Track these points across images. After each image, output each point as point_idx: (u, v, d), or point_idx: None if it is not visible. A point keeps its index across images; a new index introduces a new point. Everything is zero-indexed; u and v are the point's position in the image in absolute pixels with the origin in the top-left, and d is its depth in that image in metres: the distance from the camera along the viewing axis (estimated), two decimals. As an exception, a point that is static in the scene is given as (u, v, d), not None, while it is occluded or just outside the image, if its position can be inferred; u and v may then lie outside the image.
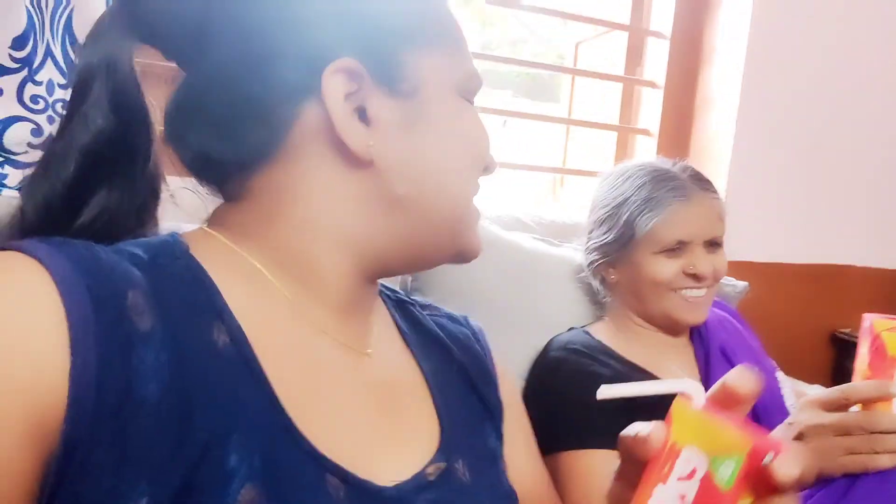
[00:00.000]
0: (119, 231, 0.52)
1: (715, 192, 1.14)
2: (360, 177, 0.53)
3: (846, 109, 1.93)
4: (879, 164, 2.01)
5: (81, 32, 1.14)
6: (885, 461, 0.75)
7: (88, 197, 0.51)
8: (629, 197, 1.12)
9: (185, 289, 0.49)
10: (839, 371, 1.99)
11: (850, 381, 0.89)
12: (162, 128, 0.56)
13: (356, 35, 0.53)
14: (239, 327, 0.49)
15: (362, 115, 0.53)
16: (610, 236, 1.14)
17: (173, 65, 0.58)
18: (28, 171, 0.52)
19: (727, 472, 0.41)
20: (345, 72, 0.51)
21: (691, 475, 0.42)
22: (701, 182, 1.13)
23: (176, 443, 0.42)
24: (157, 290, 0.46)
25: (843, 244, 2.00)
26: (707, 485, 0.41)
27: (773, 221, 1.85)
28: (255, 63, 0.52)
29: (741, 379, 0.44)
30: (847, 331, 1.97)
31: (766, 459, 0.39)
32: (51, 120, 1.16)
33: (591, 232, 1.19)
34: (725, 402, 0.45)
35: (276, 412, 0.47)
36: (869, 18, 1.92)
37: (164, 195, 0.58)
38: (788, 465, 0.39)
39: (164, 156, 0.57)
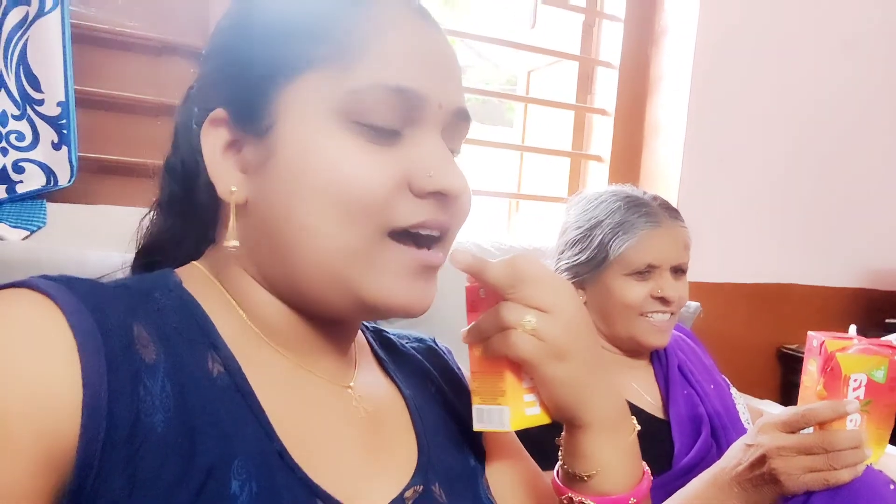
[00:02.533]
0: (183, 251, 0.60)
1: (682, 221, 1.18)
2: (244, 223, 0.54)
3: (788, 133, 2.03)
4: (818, 187, 2.11)
5: (36, 63, 1.13)
6: (844, 476, 0.79)
7: (177, 237, 0.61)
8: (603, 220, 1.15)
9: (180, 321, 0.50)
10: (787, 385, 2.06)
11: (797, 395, 0.93)
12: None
13: (224, 85, 0.54)
14: (232, 357, 0.51)
15: (240, 158, 0.55)
16: (582, 257, 1.17)
17: (164, 37, 0.65)
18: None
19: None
20: (220, 123, 0.53)
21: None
22: (670, 211, 1.18)
23: (181, 470, 0.43)
24: (155, 323, 0.48)
25: (787, 264, 2.08)
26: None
27: (720, 243, 1.92)
28: (193, 119, 0.57)
29: None
30: (793, 346, 2.04)
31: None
32: (4, 152, 1.13)
33: (561, 252, 1.22)
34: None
35: (270, 439, 0.49)
36: (807, 48, 2.03)
37: None
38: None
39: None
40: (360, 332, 0.67)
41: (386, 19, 0.52)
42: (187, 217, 0.60)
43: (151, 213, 0.62)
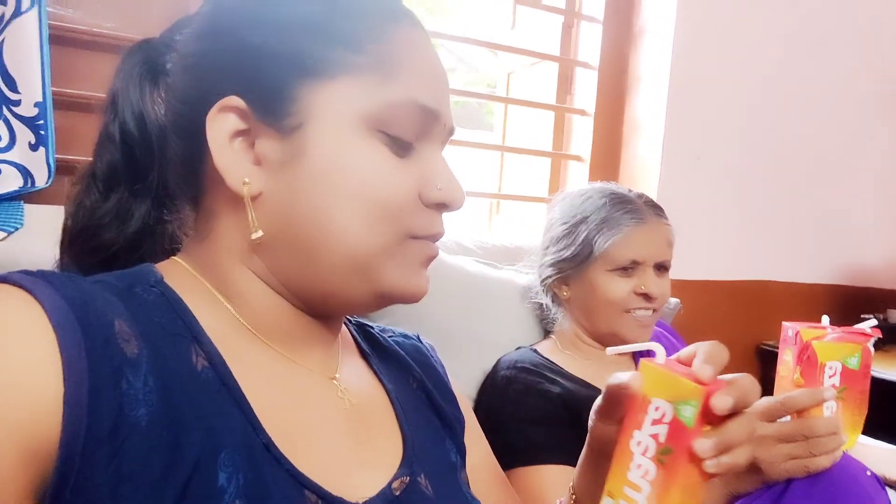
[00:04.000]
0: (146, 245, 0.60)
1: (666, 219, 1.20)
2: (255, 213, 0.54)
3: (764, 133, 2.06)
4: (795, 184, 2.14)
5: (13, 64, 1.12)
6: (824, 462, 0.81)
7: (111, 215, 0.59)
8: (588, 216, 1.16)
9: (162, 315, 0.51)
10: (766, 380, 2.06)
11: (773, 388, 0.95)
12: None
13: (244, 72, 0.53)
14: (216, 350, 0.51)
15: (255, 150, 0.54)
16: (567, 252, 1.18)
17: (133, 36, 0.64)
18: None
19: (689, 413, 0.51)
20: (232, 110, 0.53)
21: (661, 419, 0.52)
22: (655, 208, 1.19)
23: (167, 464, 0.44)
24: (137, 318, 0.48)
25: (764, 261, 2.11)
26: (676, 424, 0.51)
27: (700, 241, 1.94)
28: (182, 101, 0.56)
29: (717, 351, 0.54)
30: (771, 343, 2.07)
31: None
32: (-19, 151, 1.12)
33: (546, 248, 1.23)
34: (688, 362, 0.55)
35: (256, 432, 0.49)
36: (785, 48, 2.05)
37: None
38: (722, 399, 0.49)
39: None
40: (343, 325, 0.67)
41: (413, 39, 0.56)
42: (139, 195, 0.60)
43: (81, 186, 0.60)
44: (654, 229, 1.17)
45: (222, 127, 0.53)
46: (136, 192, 0.59)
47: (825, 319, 0.96)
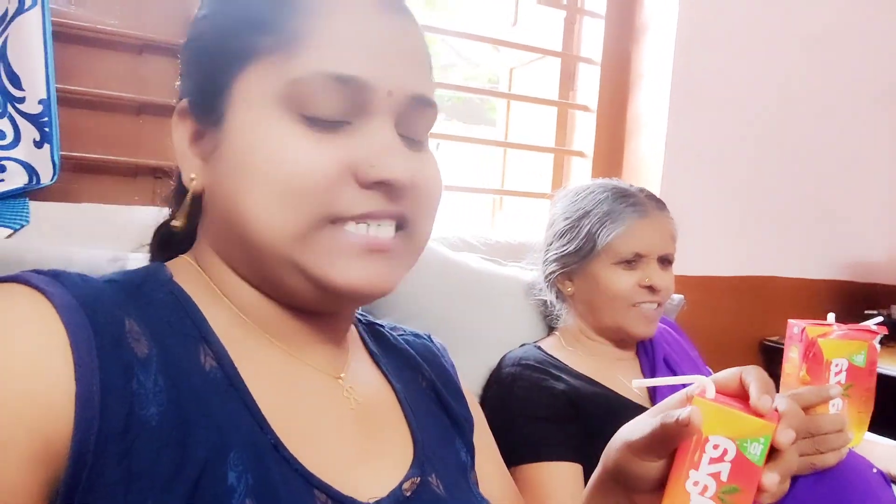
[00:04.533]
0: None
1: (669, 213, 1.20)
2: (207, 211, 0.57)
3: (767, 128, 2.05)
4: (799, 180, 2.14)
5: (16, 61, 1.12)
6: (830, 459, 0.81)
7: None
8: (590, 210, 1.17)
9: (171, 314, 0.51)
10: (769, 376, 2.08)
11: (778, 384, 0.95)
12: None
13: (189, 76, 0.57)
14: (224, 350, 0.51)
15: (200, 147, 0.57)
16: (570, 247, 1.18)
17: (145, 35, 0.66)
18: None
19: (758, 451, 0.50)
20: (185, 114, 0.56)
21: (722, 457, 0.50)
22: (657, 202, 1.19)
23: (177, 462, 0.44)
24: (147, 317, 0.48)
25: (768, 257, 2.11)
26: (741, 462, 0.50)
27: (703, 237, 1.94)
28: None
29: (765, 378, 0.54)
30: (775, 338, 2.07)
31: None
32: (-15, 149, 1.12)
33: (550, 244, 1.23)
34: (730, 390, 0.55)
35: (264, 431, 0.49)
36: (789, 42, 2.05)
37: None
38: (786, 434, 0.50)
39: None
40: (353, 325, 0.67)
41: (330, 7, 0.51)
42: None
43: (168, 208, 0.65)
44: (656, 222, 1.17)
45: (182, 131, 0.56)
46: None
47: (831, 317, 0.96)
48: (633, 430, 0.57)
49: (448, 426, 0.69)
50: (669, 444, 0.52)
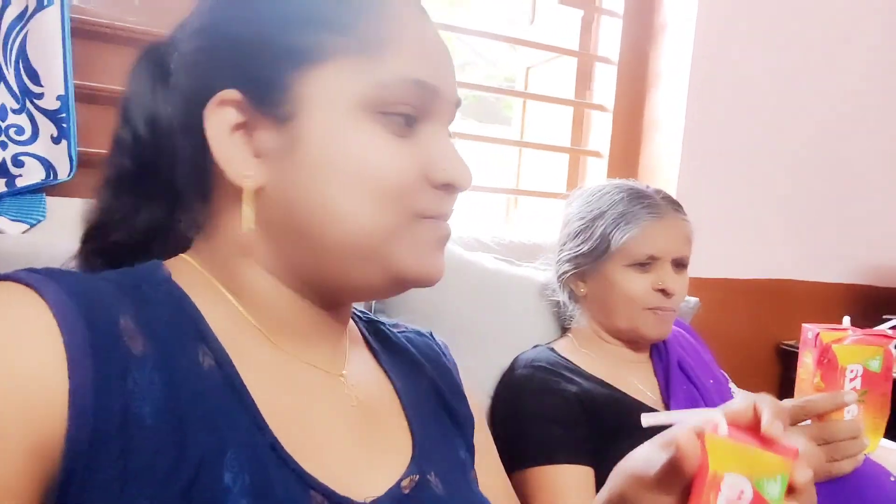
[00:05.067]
0: (156, 247, 0.59)
1: (685, 215, 1.18)
2: (258, 206, 0.54)
3: (786, 130, 2.03)
4: (818, 182, 2.11)
5: (35, 57, 1.13)
6: (846, 466, 0.80)
7: (132, 216, 0.59)
8: (605, 211, 1.16)
9: (169, 313, 0.50)
10: (785, 381, 2.07)
11: (794, 389, 0.94)
12: None
13: (239, 64, 0.53)
14: (222, 350, 0.51)
15: (254, 142, 0.53)
16: (584, 248, 1.17)
17: (164, 31, 0.62)
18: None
19: (776, 490, 0.48)
20: (229, 103, 0.52)
21: (739, 497, 0.47)
22: (673, 204, 1.18)
23: (173, 462, 0.44)
24: (144, 316, 0.48)
25: (785, 260, 2.09)
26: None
27: (720, 239, 1.92)
28: (184, 99, 0.55)
29: (779, 409, 0.52)
30: (791, 342, 2.05)
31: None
32: (3, 145, 1.13)
33: (563, 244, 1.22)
34: (743, 422, 0.53)
35: (262, 432, 0.49)
36: (807, 44, 2.03)
37: None
38: (804, 473, 0.49)
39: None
40: (351, 321, 0.67)
41: (402, 15, 0.54)
42: (149, 196, 0.59)
43: (99, 193, 0.60)
44: (672, 224, 1.15)
45: (221, 121, 0.52)
46: (146, 194, 0.59)
47: (846, 321, 0.95)
48: (640, 463, 0.55)
49: (448, 425, 0.68)
50: (681, 481, 0.50)
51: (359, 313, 0.72)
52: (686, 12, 1.85)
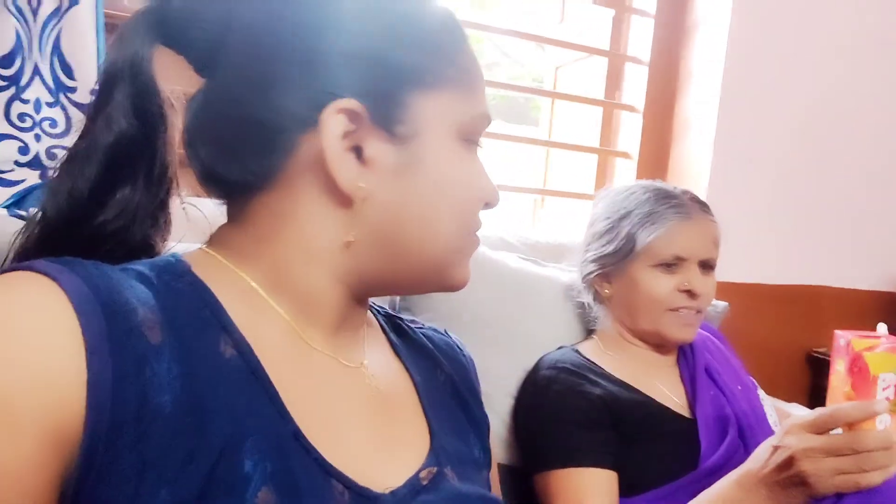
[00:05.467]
0: (136, 230, 0.54)
1: (713, 216, 1.16)
2: (349, 212, 0.54)
3: (820, 133, 1.99)
4: (852, 187, 2.07)
5: (70, 52, 1.14)
6: (875, 478, 0.78)
7: (109, 196, 0.52)
8: (631, 211, 1.14)
9: (190, 304, 0.50)
10: (815, 389, 2.03)
11: (825, 398, 0.91)
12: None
13: (361, 75, 0.53)
14: (244, 340, 0.51)
15: (359, 153, 0.53)
16: (609, 248, 1.15)
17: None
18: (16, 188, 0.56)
19: None
20: (345, 112, 0.52)
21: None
22: (701, 204, 1.16)
23: (192, 451, 0.44)
24: (164, 306, 0.48)
25: (817, 265, 2.04)
26: None
27: (750, 243, 1.89)
28: (262, 86, 0.53)
29: None
30: (822, 350, 2.01)
31: None
32: (38, 138, 1.15)
33: (589, 244, 1.21)
34: None
35: (284, 420, 0.50)
36: (843, 45, 1.98)
37: (177, 207, 0.60)
38: None
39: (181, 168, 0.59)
40: (369, 313, 0.68)
41: (472, 50, 0.60)
42: (146, 177, 0.54)
43: (73, 164, 0.52)
44: (699, 225, 1.13)
45: (336, 127, 0.52)
46: (148, 179, 0.55)
47: (882, 328, 0.92)
48: None
49: (465, 422, 0.68)
50: None
51: (377, 307, 0.72)
52: (719, 12, 1.83)
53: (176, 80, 0.57)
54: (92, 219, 0.52)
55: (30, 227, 0.52)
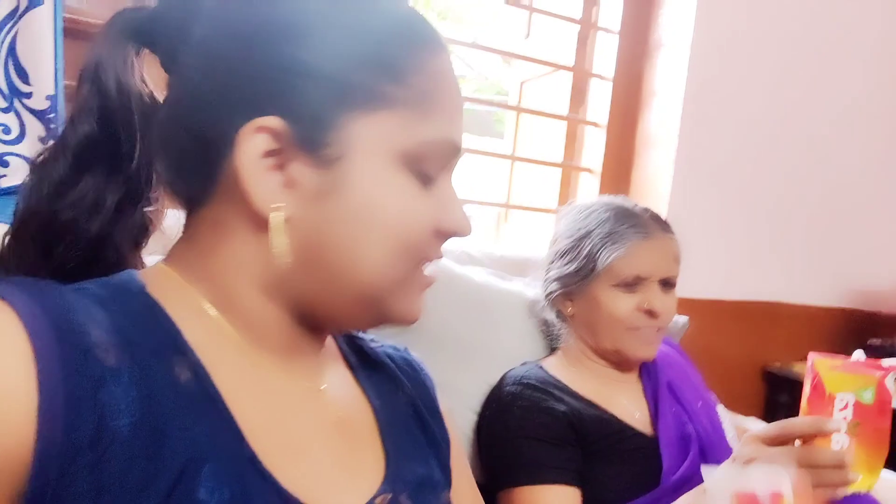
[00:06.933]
0: (93, 224, 0.53)
1: (673, 234, 1.17)
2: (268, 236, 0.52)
3: (780, 151, 2.04)
4: (810, 204, 2.12)
5: (25, 56, 1.11)
6: (821, 495, 0.79)
7: (72, 191, 0.52)
8: (592, 230, 1.14)
9: (144, 326, 0.49)
10: (771, 404, 2.06)
11: (781, 414, 0.93)
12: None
13: (289, 92, 0.50)
14: (199, 362, 0.50)
15: (286, 173, 0.51)
16: (571, 267, 1.16)
17: None
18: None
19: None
20: (267, 130, 0.49)
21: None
22: (661, 223, 1.17)
23: (149, 475, 0.43)
24: (119, 328, 0.47)
25: (775, 281, 2.09)
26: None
27: (710, 259, 1.92)
28: (199, 99, 0.52)
29: None
30: (777, 365, 2.04)
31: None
32: (-9, 144, 1.11)
33: (551, 263, 1.21)
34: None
35: (240, 445, 0.48)
36: (802, 65, 2.04)
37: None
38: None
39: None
40: (329, 337, 0.66)
41: (444, 69, 0.55)
42: (114, 180, 0.54)
43: (47, 159, 0.53)
44: (659, 244, 1.14)
45: (255, 146, 0.49)
46: (112, 177, 0.54)
47: (859, 354, 0.92)
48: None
49: (424, 444, 0.67)
50: None
51: None
52: (682, 31, 1.86)
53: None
54: (50, 210, 0.52)
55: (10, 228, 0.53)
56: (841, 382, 0.85)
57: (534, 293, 1.31)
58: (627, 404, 1.14)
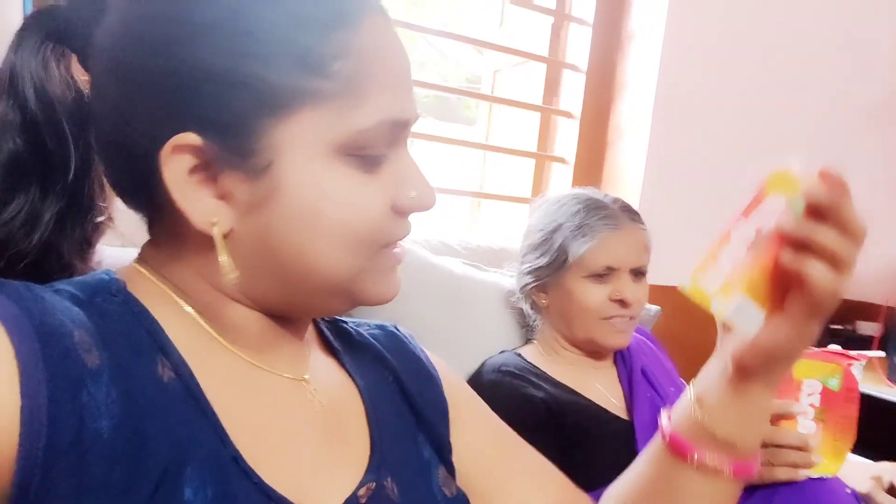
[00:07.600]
0: (34, 237, 0.52)
1: (643, 224, 1.20)
2: (228, 245, 0.51)
3: (749, 141, 2.07)
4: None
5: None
6: (779, 474, 0.82)
7: (9, 202, 0.51)
8: (563, 223, 1.16)
9: (126, 326, 0.49)
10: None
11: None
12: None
13: (200, 104, 0.47)
14: (182, 361, 0.50)
15: (218, 186, 0.50)
16: (543, 260, 1.18)
17: None
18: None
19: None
20: (187, 149, 0.47)
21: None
22: (630, 213, 1.19)
23: (131, 476, 0.43)
24: (99, 328, 0.46)
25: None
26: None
27: (681, 247, 1.93)
28: (118, 111, 0.50)
29: None
30: (745, 350, 2.08)
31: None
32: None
33: (524, 255, 1.23)
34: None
35: (224, 444, 0.48)
36: (774, 58, 2.07)
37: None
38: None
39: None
40: (312, 325, 0.66)
41: (378, 38, 0.51)
42: (51, 193, 0.53)
43: None
44: (629, 235, 1.17)
45: (178, 165, 0.47)
46: (47, 191, 0.52)
47: (835, 348, 0.94)
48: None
49: (412, 423, 0.67)
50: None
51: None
52: (654, 22, 1.88)
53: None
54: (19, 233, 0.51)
55: None
56: (808, 369, 0.88)
57: (510, 283, 1.33)
58: (603, 390, 1.17)
